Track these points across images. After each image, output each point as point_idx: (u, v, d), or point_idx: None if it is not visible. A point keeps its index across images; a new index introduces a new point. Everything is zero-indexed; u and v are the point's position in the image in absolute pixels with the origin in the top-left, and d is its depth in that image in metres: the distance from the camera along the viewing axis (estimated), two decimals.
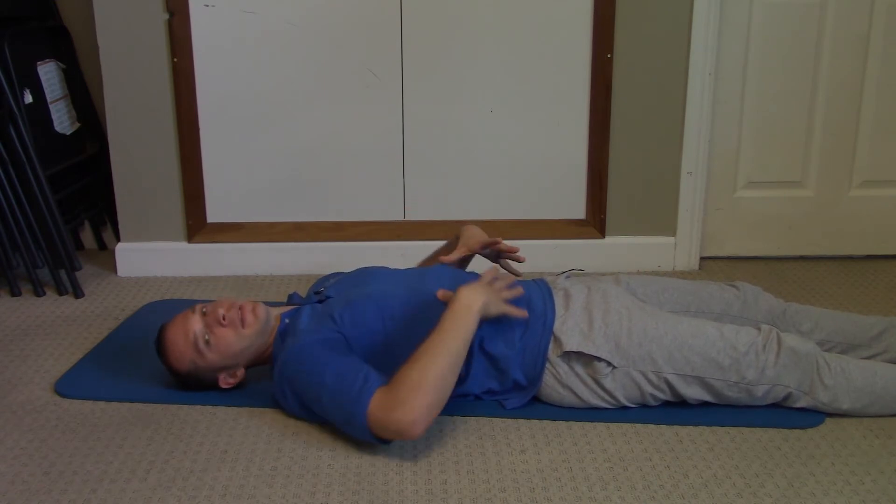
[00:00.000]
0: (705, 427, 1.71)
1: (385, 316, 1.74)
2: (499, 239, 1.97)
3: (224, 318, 1.73)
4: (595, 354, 1.70)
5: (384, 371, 1.69)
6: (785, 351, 1.68)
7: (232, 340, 1.74)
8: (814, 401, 1.71)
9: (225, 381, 1.79)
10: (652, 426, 1.71)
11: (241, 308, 1.76)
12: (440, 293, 1.71)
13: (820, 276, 2.62)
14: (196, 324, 1.73)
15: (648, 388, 1.72)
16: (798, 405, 1.72)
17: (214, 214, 2.61)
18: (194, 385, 1.80)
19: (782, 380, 1.69)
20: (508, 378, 1.74)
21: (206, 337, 1.72)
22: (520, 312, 1.71)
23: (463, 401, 1.77)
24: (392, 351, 1.71)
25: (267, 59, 2.49)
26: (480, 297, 1.65)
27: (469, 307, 1.63)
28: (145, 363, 1.96)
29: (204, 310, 1.76)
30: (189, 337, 1.72)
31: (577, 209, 2.64)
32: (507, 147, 2.58)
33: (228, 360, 1.76)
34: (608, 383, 1.72)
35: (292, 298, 1.94)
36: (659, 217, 2.63)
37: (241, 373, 1.80)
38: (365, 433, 1.57)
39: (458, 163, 2.58)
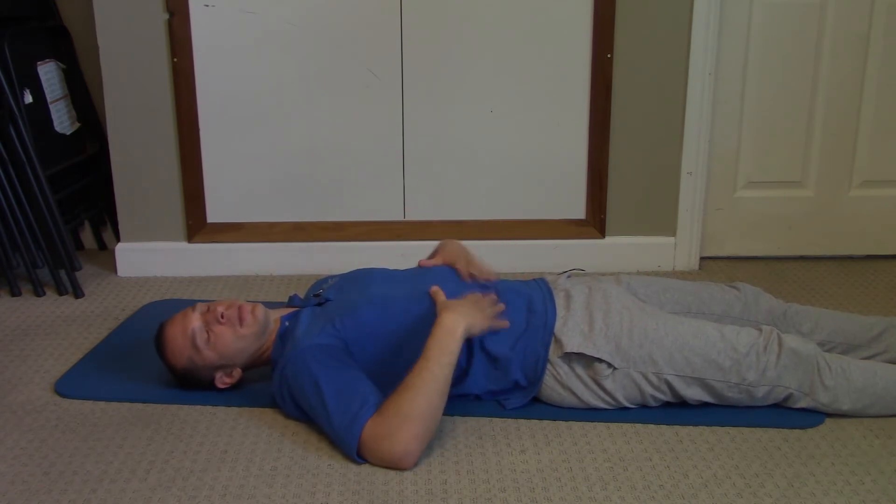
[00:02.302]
0: (705, 427, 1.71)
1: (386, 319, 1.73)
2: (474, 274, 1.88)
3: (223, 317, 1.74)
4: (595, 356, 1.70)
5: (386, 375, 1.69)
6: (786, 352, 1.68)
7: (229, 339, 1.74)
8: (814, 402, 1.71)
9: (221, 380, 1.79)
10: (652, 426, 1.71)
11: (240, 308, 1.76)
12: (432, 290, 1.73)
13: (820, 276, 2.62)
14: (195, 321, 1.74)
15: (649, 389, 1.72)
16: (798, 406, 1.72)
17: (214, 214, 2.61)
18: (192, 383, 1.81)
19: (783, 381, 1.69)
20: (508, 378, 1.74)
21: (205, 334, 1.73)
22: (503, 324, 1.72)
23: (463, 401, 1.77)
24: (394, 354, 1.71)
25: (267, 59, 2.49)
26: (463, 320, 1.63)
27: (452, 331, 1.62)
28: (145, 363, 1.96)
29: (204, 308, 1.77)
30: (187, 333, 1.73)
31: (577, 209, 2.64)
32: (507, 147, 2.58)
33: (225, 359, 1.76)
34: (608, 384, 1.72)
35: (293, 300, 1.94)
36: (659, 217, 2.63)
37: (237, 373, 1.80)
38: (354, 457, 1.57)
39: (458, 163, 2.58)
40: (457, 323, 1.63)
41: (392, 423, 1.54)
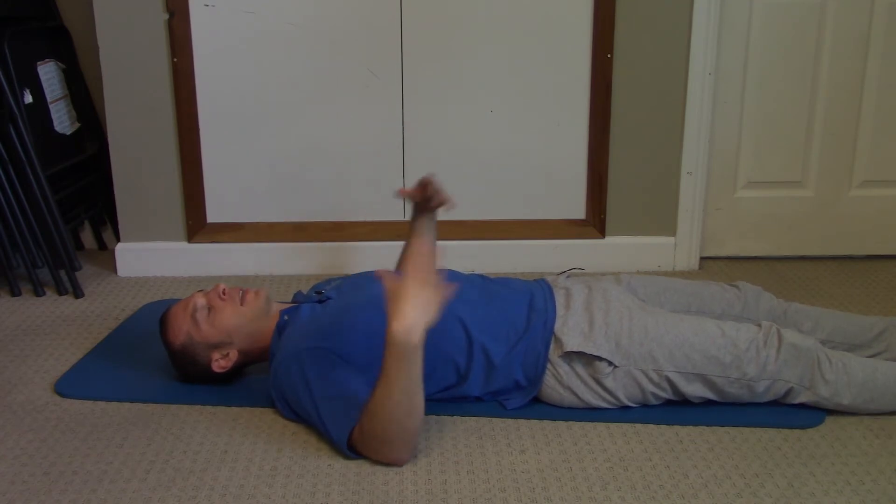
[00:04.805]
0: (705, 427, 1.71)
1: (382, 319, 1.72)
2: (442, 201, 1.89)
3: (224, 293, 1.79)
4: (596, 354, 1.70)
5: None
6: (786, 346, 1.68)
7: (228, 314, 1.77)
8: (815, 396, 1.71)
9: (217, 363, 1.79)
10: (652, 426, 1.71)
11: (244, 289, 1.81)
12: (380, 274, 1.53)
13: (820, 276, 2.62)
14: (198, 298, 1.79)
15: (650, 387, 1.72)
16: (798, 400, 1.72)
17: (214, 214, 2.61)
18: (188, 368, 1.81)
19: (783, 375, 1.69)
20: (509, 378, 1.74)
21: (206, 310, 1.77)
22: (448, 292, 1.51)
23: (463, 401, 1.77)
24: None
25: (267, 59, 2.49)
26: (417, 328, 1.47)
27: (407, 344, 1.46)
28: (145, 363, 1.96)
29: (209, 290, 1.83)
30: (188, 308, 1.77)
31: (577, 209, 2.64)
32: (507, 147, 2.58)
33: (223, 335, 1.77)
34: (609, 383, 1.72)
35: (296, 297, 1.95)
36: (659, 217, 2.63)
37: (234, 355, 1.79)
38: (351, 456, 1.59)
39: (458, 163, 2.58)
40: (411, 334, 1.46)
41: (371, 444, 1.55)
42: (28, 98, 2.47)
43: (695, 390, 1.72)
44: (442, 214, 2.62)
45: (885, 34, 2.57)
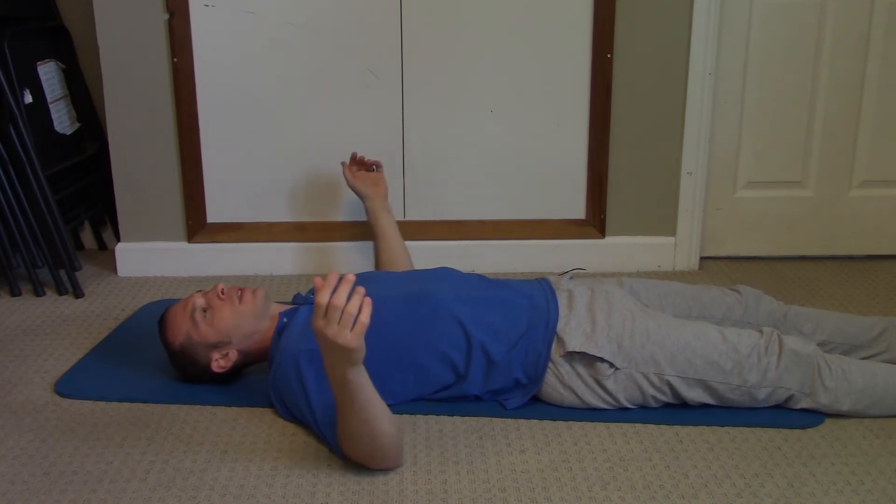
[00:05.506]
0: (705, 427, 1.71)
1: (381, 321, 1.72)
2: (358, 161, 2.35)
3: (223, 293, 1.79)
4: (598, 355, 1.70)
5: (383, 375, 1.68)
6: (786, 353, 1.68)
7: (227, 314, 1.76)
8: (815, 402, 1.71)
9: (217, 363, 1.79)
10: (652, 426, 1.71)
11: (241, 288, 1.81)
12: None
13: (820, 276, 2.62)
14: (197, 299, 1.79)
15: (650, 390, 1.72)
16: (799, 406, 1.72)
17: (214, 214, 2.61)
18: (188, 368, 1.81)
19: (784, 382, 1.69)
20: (509, 377, 1.74)
21: (204, 308, 1.77)
22: (364, 321, 1.40)
23: (463, 400, 1.77)
24: (387, 355, 1.71)
25: (267, 59, 2.49)
26: (337, 368, 1.43)
27: (333, 381, 1.46)
28: (146, 363, 1.96)
29: (208, 290, 1.83)
30: (187, 308, 1.77)
31: (577, 209, 2.64)
32: (507, 147, 2.58)
33: (222, 335, 1.77)
34: (610, 384, 1.72)
35: (296, 299, 1.95)
36: (659, 217, 2.63)
37: (233, 354, 1.79)
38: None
39: (459, 163, 2.58)
40: (332, 370, 1.45)
41: (356, 458, 1.55)
42: (28, 98, 2.47)
43: (695, 395, 1.72)
44: (440, 214, 2.64)
45: (885, 34, 2.57)
